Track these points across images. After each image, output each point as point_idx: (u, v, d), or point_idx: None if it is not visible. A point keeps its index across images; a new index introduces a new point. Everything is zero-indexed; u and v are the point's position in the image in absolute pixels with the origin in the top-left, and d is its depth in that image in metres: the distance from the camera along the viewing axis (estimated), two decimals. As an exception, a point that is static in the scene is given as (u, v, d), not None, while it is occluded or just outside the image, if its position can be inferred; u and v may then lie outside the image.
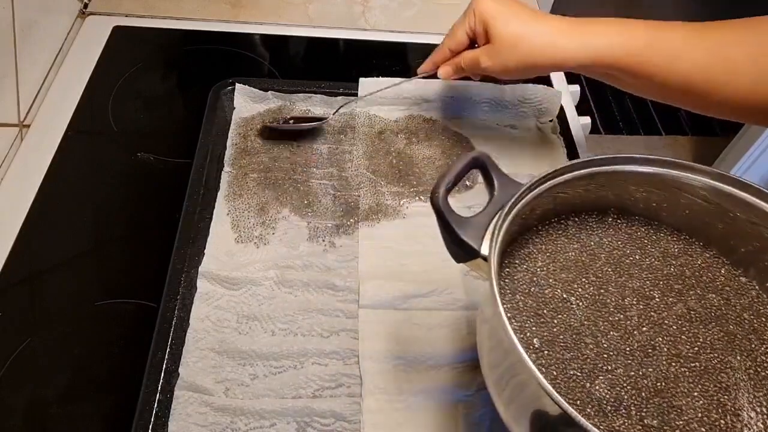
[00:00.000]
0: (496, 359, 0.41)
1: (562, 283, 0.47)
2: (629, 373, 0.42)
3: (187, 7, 0.88)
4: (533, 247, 0.49)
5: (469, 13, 0.59)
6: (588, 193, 0.48)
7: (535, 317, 0.45)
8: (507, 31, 0.56)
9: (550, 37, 0.55)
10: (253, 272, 0.60)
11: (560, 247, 0.49)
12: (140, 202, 0.67)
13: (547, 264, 0.48)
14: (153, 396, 0.51)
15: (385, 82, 0.76)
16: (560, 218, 0.50)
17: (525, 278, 0.47)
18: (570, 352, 0.43)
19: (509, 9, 0.57)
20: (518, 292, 0.46)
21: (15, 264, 0.60)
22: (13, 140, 0.70)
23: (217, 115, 0.72)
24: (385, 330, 0.58)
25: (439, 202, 0.42)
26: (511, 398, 0.40)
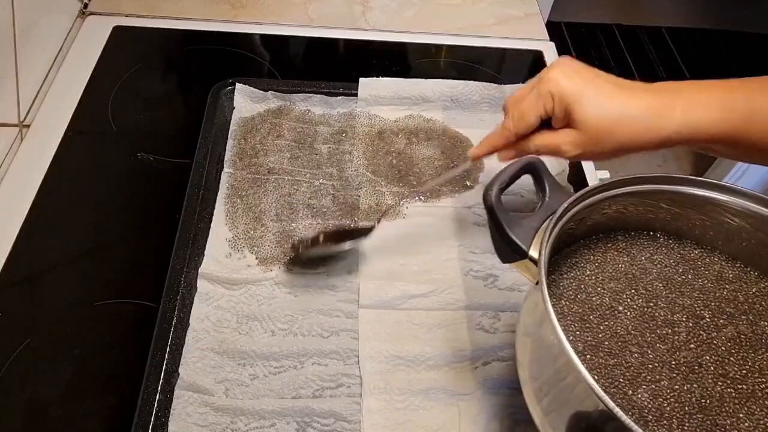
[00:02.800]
0: (539, 362, 0.41)
1: (610, 292, 0.47)
2: (673, 386, 0.42)
3: (187, 7, 0.88)
4: (581, 257, 0.49)
5: (542, 94, 0.49)
6: (640, 210, 0.48)
7: (580, 322, 0.45)
8: (598, 118, 0.48)
9: (646, 119, 0.48)
10: (252, 272, 0.60)
11: (609, 259, 0.49)
12: (140, 202, 0.67)
13: (596, 273, 0.48)
14: (153, 396, 0.51)
15: (386, 82, 0.76)
16: (609, 233, 0.50)
17: (572, 285, 0.47)
18: (614, 358, 0.43)
19: (591, 87, 0.48)
20: (564, 298, 0.46)
21: (15, 264, 0.60)
22: (13, 140, 0.70)
23: (217, 115, 0.72)
24: (385, 330, 0.58)
25: (492, 200, 0.43)
26: (553, 403, 0.39)
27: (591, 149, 0.49)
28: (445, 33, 0.90)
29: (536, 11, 0.95)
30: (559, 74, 0.49)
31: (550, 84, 0.49)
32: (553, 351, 0.38)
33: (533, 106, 0.50)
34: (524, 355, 0.44)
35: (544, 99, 0.49)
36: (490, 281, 0.62)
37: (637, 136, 0.48)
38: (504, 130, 0.53)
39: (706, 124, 0.48)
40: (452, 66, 0.86)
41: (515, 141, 0.53)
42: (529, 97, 0.50)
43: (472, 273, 0.63)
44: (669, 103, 0.48)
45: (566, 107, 0.49)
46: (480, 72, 0.85)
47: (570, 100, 0.48)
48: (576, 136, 0.49)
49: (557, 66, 0.50)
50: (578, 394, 0.36)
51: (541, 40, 0.91)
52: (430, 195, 0.69)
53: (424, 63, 0.86)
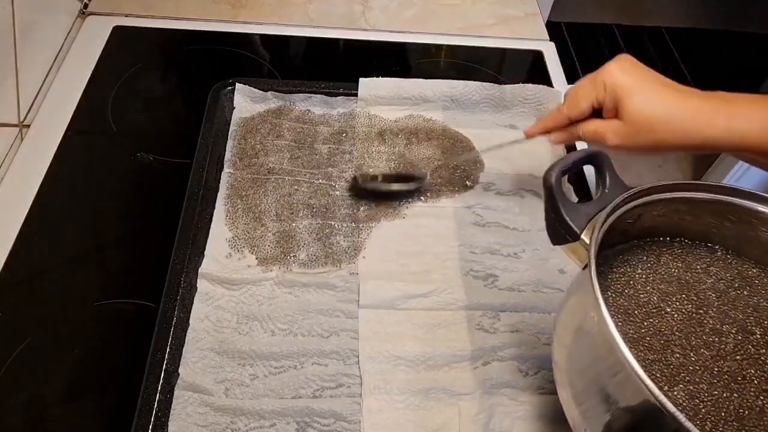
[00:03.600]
0: (579, 344, 0.41)
1: (659, 292, 0.46)
2: (712, 392, 0.41)
3: (187, 7, 0.88)
4: (633, 255, 0.49)
5: (597, 84, 0.53)
6: (700, 220, 0.48)
7: (624, 315, 0.45)
8: (644, 112, 0.50)
9: (692, 122, 0.50)
10: (252, 272, 0.60)
11: (663, 262, 0.49)
12: (140, 202, 0.67)
13: (647, 273, 0.48)
14: (153, 396, 0.51)
15: (386, 82, 0.76)
16: (665, 238, 0.50)
17: (621, 280, 0.47)
18: (654, 354, 0.43)
19: (644, 84, 0.51)
20: (610, 290, 0.46)
21: (15, 264, 0.60)
22: (13, 140, 0.70)
23: (217, 115, 0.72)
24: (385, 330, 0.58)
25: (552, 180, 0.43)
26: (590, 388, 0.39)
27: (631, 142, 0.52)
28: (445, 33, 0.90)
29: (536, 11, 0.95)
30: (617, 68, 0.52)
31: (606, 75, 0.52)
32: (597, 335, 0.38)
33: (587, 94, 0.54)
34: (563, 339, 0.44)
35: (597, 88, 0.53)
36: (490, 281, 0.62)
37: (677, 136, 0.50)
38: (558, 113, 0.57)
39: (749, 135, 0.49)
40: (452, 66, 0.86)
41: (567, 124, 0.57)
42: (587, 86, 0.54)
43: (472, 273, 0.63)
44: (715, 110, 0.49)
45: (616, 98, 0.52)
46: (480, 72, 0.85)
47: (621, 92, 0.51)
48: (620, 127, 0.52)
49: (618, 60, 0.53)
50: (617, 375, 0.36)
51: (541, 40, 0.91)
52: (430, 195, 0.69)
53: (424, 63, 0.86)
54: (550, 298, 0.62)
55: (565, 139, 0.58)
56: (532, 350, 0.58)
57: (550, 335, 0.59)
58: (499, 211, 0.68)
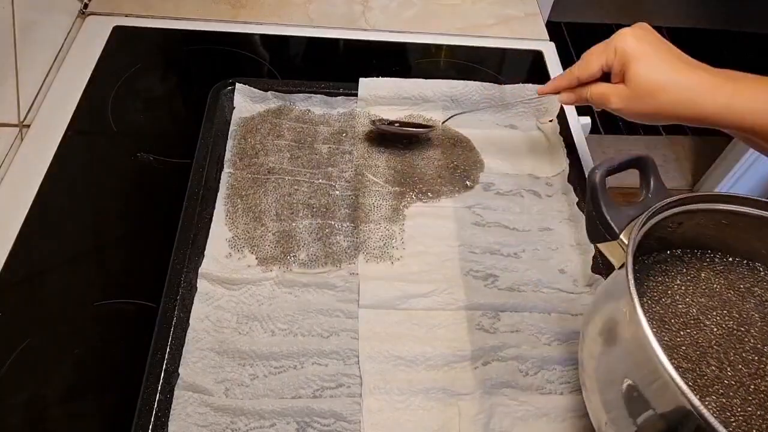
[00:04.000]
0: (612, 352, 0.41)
1: (699, 305, 0.46)
2: (746, 408, 0.41)
3: (187, 7, 0.88)
4: (672, 266, 0.48)
5: (609, 48, 0.54)
6: (743, 235, 0.47)
7: (659, 322, 0.45)
8: (647, 78, 0.52)
9: (693, 92, 0.51)
10: (252, 272, 0.60)
11: (704, 277, 0.48)
12: (140, 202, 0.67)
13: (686, 285, 0.47)
14: (153, 396, 0.51)
15: (386, 82, 0.76)
16: (705, 251, 0.50)
17: (658, 288, 0.47)
18: (688, 363, 0.43)
19: (654, 52, 0.52)
20: (646, 296, 0.46)
21: (15, 264, 0.60)
22: (13, 140, 0.70)
23: (217, 115, 0.72)
24: (385, 330, 0.58)
25: (596, 179, 0.43)
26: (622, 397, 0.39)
27: (632, 106, 0.53)
28: (445, 33, 0.90)
29: (536, 11, 0.95)
30: (631, 34, 0.53)
31: (618, 40, 0.53)
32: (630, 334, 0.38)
33: (598, 56, 0.55)
34: (593, 340, 0.44)
35: (608, 52, 0.54)
36: (490, 281, 0.62)
37: (676, 106, 0.51)
38: (570, 74, 0.59)
39: (750, 113, 0.49)
40: (452, 66, 0.86)
41: (576, 85, 0.59)
42: (598, 49, 0.55)
43: (472, 273, 0.63)
44: (717, 85, 0.50)
45: (624, 63, 0.53)
46: (480, 72, 0.85)
47: (629, 57, 0.52)
48: (623, 91, 0.54)
49: (633, 27, 0.54)
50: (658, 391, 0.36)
51: (541, 40, 0.91)
52: (430, 195, 0.69)
53: (424, 63, 0.86)
54: (550, 298, 0.62)
55: (574, 100, 0.60)
56: (532, 350, 0.58)
57: (550, 335, 0.59)
58: (499, 211, 0.68)
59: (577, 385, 0.56)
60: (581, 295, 0.62)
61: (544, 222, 0.68)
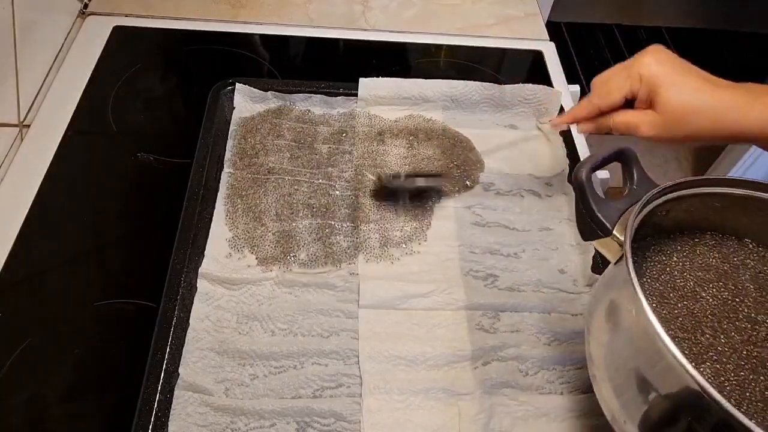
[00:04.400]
0: (618, 343, 0.42)
1: (696, 278, 0.47)
2: (738, 373, 0.42)
3: (187, 7, 0.88)
4: (667, 246, 0.49)
5: (632, 75, 0.53)
6: (729, 213, 0.48)
7: (658, 298, 0.46)
8: (679, 103, 0.51)
9: (726, 113, 0.50)
10: (252, 272, 0.60)
11: (699, 252, 0.49)
12: (140, 202, 0.67)
13: (683, 261, 0.48)
14: (153, 396, 0.51)
15: (386, 82, 0.76)
16: (695, 232, 0.51)
17: (656, 268, 0.48)
18: (684, 333, 0.44)
19: (679, 76, 0.52)
20: (646, 276, 0.47)
21: (15, 264, 0.60)
22: (13, 140, 0.70)
23: (217, 115, 0.72)
24: (385, 330, 0.58)
25: (583, 176, 0.44)
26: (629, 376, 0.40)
27: (666, 132, 0.53)
28: (445, 33, 0.90)
29: (536, 11, 0.95)
30: (652, 60, 0.53)
31: (641, 67, 0.53)
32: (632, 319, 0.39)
33: (621, 85, 0.54)
34: (597, 331, 0.45)
35: (632, 80, 0.53)
36: (490, 281, 0.62)
37: (712, 126, 0.51)
38: (589, 104, 0.57)
39: None
40: (452, 66, 0.86)
41: (597, 115, 0.57)
42: (619, 77, 0.54)
43: (472, 273, 0.63)
44: (748, 102, 0.50)
45: (651, 90, 0.52)
46: (480, 72, 0.85)
47: (657, 83, 0.52)
48: (655, 118, 0.53)
49: (651, 52, 0.53)
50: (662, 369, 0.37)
51: (541, 40, 0.91)
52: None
53: (424, 63, 0.86)
54: (550, 298, 0.62)
55: (593, 130, 0.59)
56: (532, 350, 0.58)
57: (550, 335, 0.59)
58: (499, 211, 0.68)
59: (577, 385, 0.56)
60: (581, 295, 0.62)
61: (544, 222, 0.68)
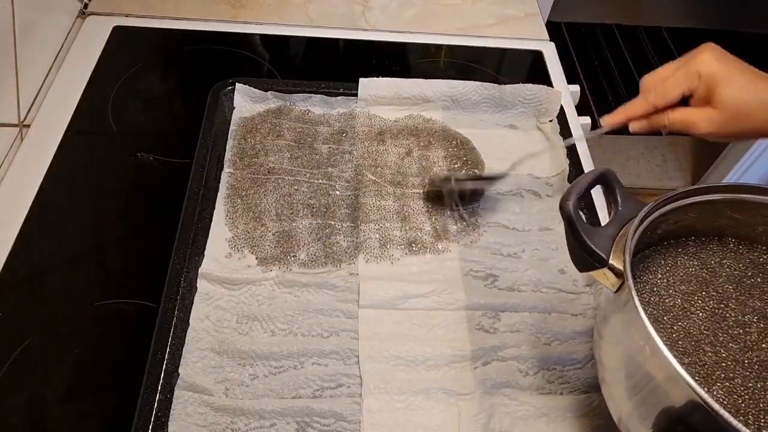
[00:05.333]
0: (627, 364, 0.42)
1: (682, 294, 0.48)
2: (747, 384, 0.42)
3: (187, 7, 0.88)
4: (652, 261, 0.50)
5: (690, 73, 0.53)
6: (709, 218, 0.50)
7: (655, 323, 0.45)
8: (738, 100, 0.51)
9: None
10: (252, 273, 0.60)
11: (680, 263, 0.50)
12: (140, 202, 0.67)
13: (667, 276, 0.49)
14: (153, 396, 0.51)
15: (386, 82, 0.76)
16: (679, 239, 0.51)
17: (645, 289, 0.48)
18: (688, 357, 0.44)
19: (737, 73, 0.52)
20: (639, 302, 0.46)
21: (15, 264, 0.60)
22: (13, 140, 0.70)
23: (217, 115, 0.72)
24: (385, 330, 0.58)
25: (570, 210, 0.44)
26: (643, 404, 0.41)
27: (723, 129, 0.52)
28: (445, 33, 0.90)
29: (536, 11, 0.95)
30: (711, 57, 0.53)
31: (700, 64, 0.53)
32: (643, 350, 0.39)
33: (679, 83, 0.54)
34: (609, 360, 0.45)
35: (691, 78, 0.53)
36: (490, 281, 0.62)
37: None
38: (644, 102, 0.56)
39: None
40: (452, 66, 0.86)
41: (652, 112, 0.56)
42: (677, 75, 0.54)
43: (472, 273, 0.63)
44: None
45: (710, 87, 0.52)
46: (480, 72, 0.85)
47: (715, 80, 0.52)
48: (714, 115, 0.52)
49: (709, 50, 0.53)
50: (670, 391, 0.37)
51: (541, 40, 0.91)
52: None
53: (424, 63, 0.86)
54: (550, 298, 0.62)
55: (647, 128, 0.58)
56: (532, 350, 0.58)
57: (550, 335, 0.59)
58: (499, 211, 0.68)
59: (576, 385, 0.56)
60: (581, 295, 0.62)
61: (544, 222, 0.68)
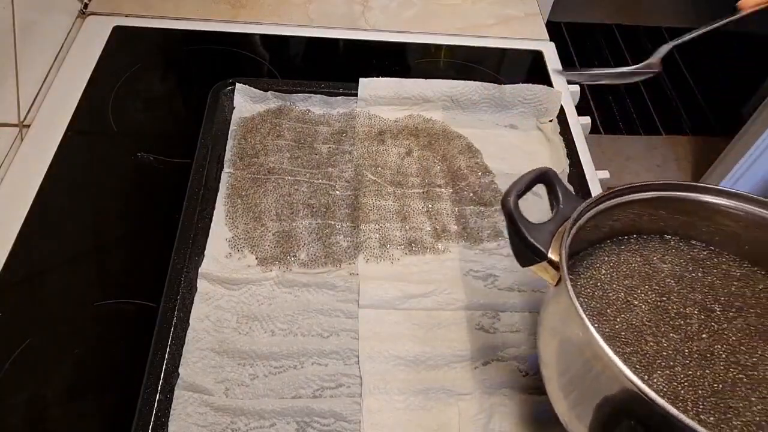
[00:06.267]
0: (565, 356, 0.44)
1: (625, 288, 0.49)
2: (687, 372, 0.44)
3: (187, 7, 0.88)
4: (596, 258, 0.51)
5: None
6: (651, 216, 0.51)
7: (598, 316, 0.47)
8: None
9: None
10: (252, 272, 0.60)
11: (623, 259, 0.51)
12: (140, 202, 0.67)
13: (611, 272, 0.50)
14: (153, 396, 0.51)
15: (386, 82, 0.76)
16: (623, 237, 0.53)
17: (589, 284, 0.49)
18: (630, 347, 0.45)
19: None
20: (582, 296, 0.48)
21: (15, 264, 0.60)
22: (13, 140, 0.70)
23: (217, 115, 0.72)
24: (385, 330, 0.58)
25: (511, 206, 0.45)
26: (580, 395, 0.42)
27: None
28: (445, 33, 0.90)
29: (536, 11, 0.95)
30: None
31: None
32: (580, 342, 0.41)
33: None
34: (548, 353, 0.46)
35: None
36: (490, 281, 0.62)
37: None
38: None
39: None
40: (452, 66, 0.86)
41: None
42: None
43: (472, 273, 0.63)
44: None
45: None
46: (480, 72, 0.85)
47: None
48: None
49: None
50: (607, 380, 0.39)
51: (541, 40, 0.91)
52: (431, 195, 0.69)
53: (424, 63, 0.86)
54: (550, 298, 0.62)
55: None
56: (532, 350, 0.58)
57: (550, 335, 0.59)
58: (500, 210, 0.68)
59: (576, 385, 0.57)
60: (581, 295, 0.62)
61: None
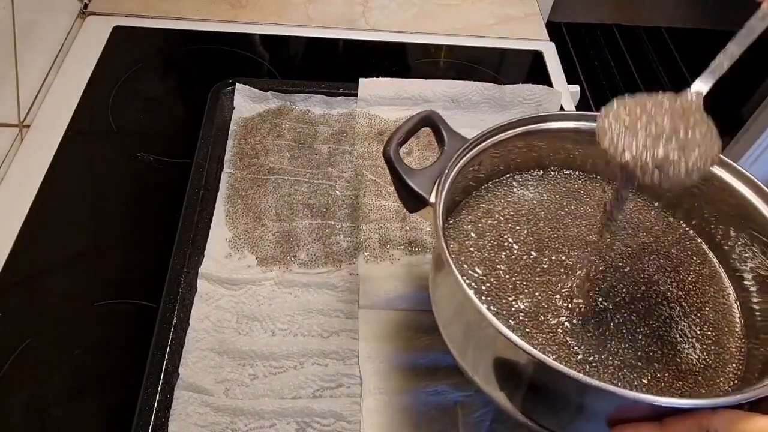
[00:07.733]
0: (449, 308, 0.46)
1: (504, 230, 0.51)
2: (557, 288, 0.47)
3: (187, 7, 0.88)
4: (480, 200, 0.53)
5: None
6: (528, 151, 0.53)
7: (477, 253, 0.50)
8: None
9: None
10: (252, 272, 0.60)
11: (503, 196, 0.54)
12: (140, 202, 0.67)
13: (491, 213, 0.52)
14: (153, 396, 0.51)
15: (386, 82, 0.76)
16: (506, 176, 0.55)
17: (469, 224, 0.51)
18: (499, 279, 0.48)
19: None
20: (462, 237, 0.50)
21: (15, 264, 0.60)
22: (13, 140, 0.70)
23: (217, 115, 0.73)
24: (385, 330, 0.58)
25: (391, 154, 0.46)
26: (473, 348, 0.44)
27: None
28: (445, 33, 0.90)
29: (536, 11, 0.95)
30: None
31: None
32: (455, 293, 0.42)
33: None
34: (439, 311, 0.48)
35: None
36: (489, 281, 0.62)
37: None
38: None
39: None
40: (452, 66, 0.86)
41: None
42: None
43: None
44: None
45: None
46: (480, 72, 0.85)
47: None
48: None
49: None
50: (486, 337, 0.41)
51: (541, 40, 0.91)
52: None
53: (424, 63, 0.86)
54: (550, 298, 0.62)
55: None
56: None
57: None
58: (499, 211, 0.68)
59: (576, 384, 0.57)
60: (581, 295, 0.62)
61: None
